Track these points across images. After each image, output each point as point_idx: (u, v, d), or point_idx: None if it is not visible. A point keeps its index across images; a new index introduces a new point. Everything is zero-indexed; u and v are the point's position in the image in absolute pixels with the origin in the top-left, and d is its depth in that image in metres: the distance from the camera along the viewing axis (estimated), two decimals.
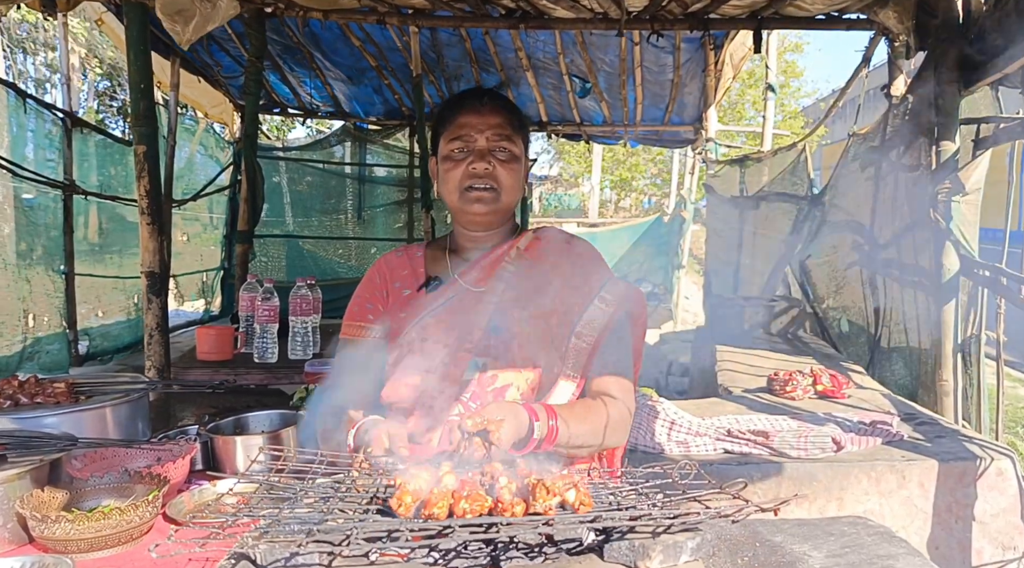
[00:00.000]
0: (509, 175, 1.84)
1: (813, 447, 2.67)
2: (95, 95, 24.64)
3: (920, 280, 3.91)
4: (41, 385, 2.22)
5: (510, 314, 1.81)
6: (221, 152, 9.01)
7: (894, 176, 4.24)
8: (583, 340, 1.81)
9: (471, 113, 1.84)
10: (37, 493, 1.77)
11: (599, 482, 1.30)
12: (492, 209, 1.85)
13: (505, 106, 1.89)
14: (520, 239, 1.94)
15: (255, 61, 4.57)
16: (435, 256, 1.98)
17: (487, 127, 1.82)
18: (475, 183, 1.82)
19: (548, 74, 7.95)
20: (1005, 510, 2.61)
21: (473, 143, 1.82)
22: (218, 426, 2.30)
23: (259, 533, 0.94)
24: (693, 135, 9.08)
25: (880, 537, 1.31)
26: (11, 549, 1.74)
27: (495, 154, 1.82)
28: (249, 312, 3.92)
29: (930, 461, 2.62)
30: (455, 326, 1.80)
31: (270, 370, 3.67)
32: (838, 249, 5.19)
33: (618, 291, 1.88)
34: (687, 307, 10.77)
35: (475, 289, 1.86)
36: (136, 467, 1.98)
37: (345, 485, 1.19)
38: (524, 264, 1.89)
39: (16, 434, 1.95)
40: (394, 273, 1.97)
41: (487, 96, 1.88)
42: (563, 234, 2.02)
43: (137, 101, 3.28)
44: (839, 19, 4.69)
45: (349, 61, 7.79)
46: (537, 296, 1.84)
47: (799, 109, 22.33)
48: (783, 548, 1.27)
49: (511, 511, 1.02)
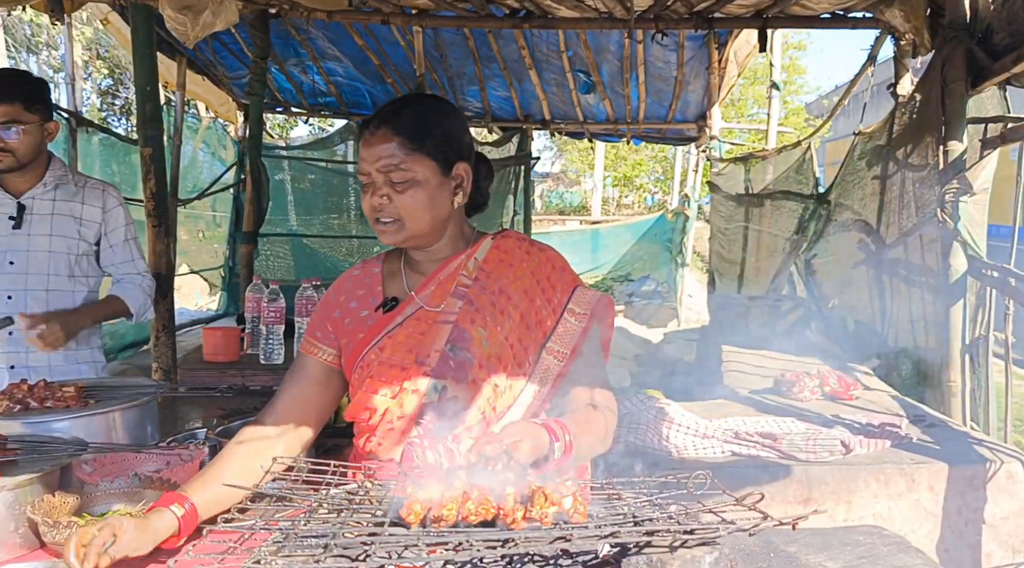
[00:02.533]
0: (411, 202, 1.73)
1: (822, 450, 2.66)
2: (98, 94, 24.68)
3: (927, 280, 3.91)
4: (51, 389, 2.22)
5: (469, 333, 1.76)
6: (224, 149, 9.03)
7: (901, 175, 4.23)
8: (555, 356, 1.78)
9: (364, 145, 1.77)
10: (48, 498, 1.77)
11: (612, 493, 1.29)
12: (401, 238, 1.78)
13: (401, 126, 1.75)
14: (476, 248, 1.88)
15: (259, 61, 4.57)
16: (392, 271, 1.92)
17: (375, 159, 1.73)
18: (378, 216, 1.76)
19: (551, 69, 7.92)
20: (1015, 513, 2.61)
21: (368, 176, 1.76)
22: (227, 429, 2.30)
23: (275, 547, 0.94)
24: (697, 133, 9.09)
25: (896, 547, 1.31)
26: (22, 554, 1.74)
27: (392, 184, 1.73)
28: (255, 313, 3.91)
29: (940, 464, 2.61)
30: (412, 347, 1.77)
31: (277, 372, 3.66)
32: (844, 248, 5.18)
33: (588, 301, 1.83)
34: (691, 305, 10.76)
35: (431, 308, 1.81)
36: (145, 471, 1.98)
37: (358, 496, 1.19)
38: (483, 277, 1.83)
39: (27, 438, 1.95)
40: (350, 293, 1.91)
41: (377, 120, 1.77)
42: (523, 241, 1.94)
43: (143, 103, 3.28)
44: (844, 18, 4.69)
45: (352, 59, 7.80)
46: (497, 313, 1.79)
47: (802, 106, 22.35)
48: (798, 559, 1.26)
49: (512, 516, 1.03)
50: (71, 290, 3.07)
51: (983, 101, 3.79)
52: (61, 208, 3.02)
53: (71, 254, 3.05)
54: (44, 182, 2.99)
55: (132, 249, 3.20)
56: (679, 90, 8.08)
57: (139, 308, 3.19)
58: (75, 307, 3.04)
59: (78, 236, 3.06)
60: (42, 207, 2.99)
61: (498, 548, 0.92)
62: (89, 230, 3.07)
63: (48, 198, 3.02)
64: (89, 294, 3.15)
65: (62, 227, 3.02)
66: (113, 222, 3.12)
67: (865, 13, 4.54)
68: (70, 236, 3.03)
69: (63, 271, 3.03)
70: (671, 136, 9.53)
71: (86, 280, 3.12)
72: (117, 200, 3.13)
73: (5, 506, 1.71)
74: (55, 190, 3.02)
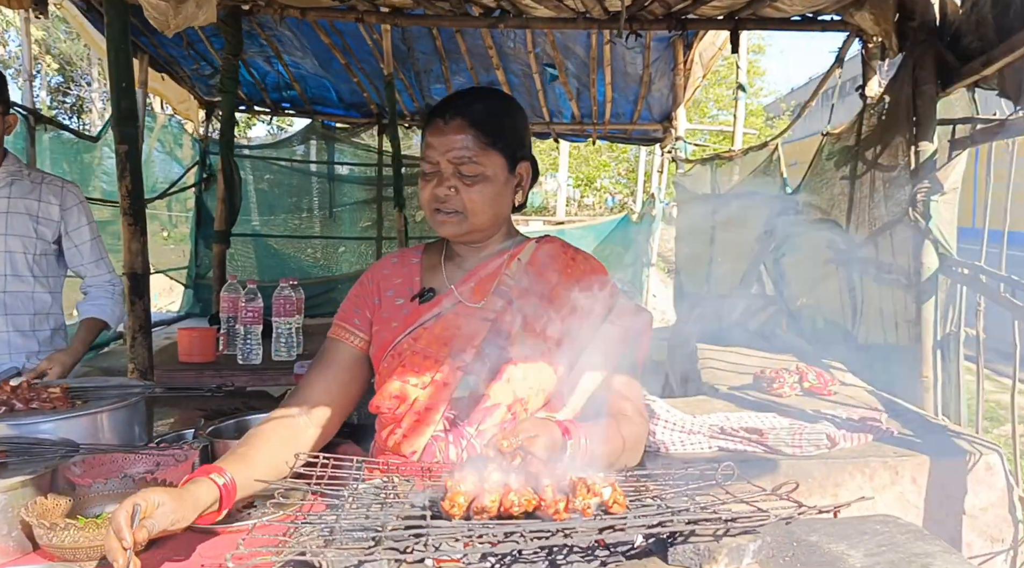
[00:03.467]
0: (478, 197, 1.75)
1: (808, 444, 2.70)
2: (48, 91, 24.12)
3: (898, 278, 3.98)
4: (35, 390, 2.17)
5: (508, 332, 1.77)
6: (180, 148, 8.88)
7: (871, 175, 4.31)
8: (590, 365, 1.78)
9: (435, 132, 1.75)
10: (41, 500, 1.73)
11: (639, 485, 1.30)
12: (462, 231, 1.78)
13: (477, 119, 1.75)
14: (521, 250, 1.88)
15: (231, 58, 4.51)
16: (431, 263, 1.91)
17: (448, 149, 1.72)
18: (440, 206, 1.75)
19: (517, 62, 7.89)
20: (993, 504, 2.67)
21: (436, 166, 1.75)
22: (218, 429, 2.27)
23: (322, 540, 0.93)
24: (662, 133, 9.16)
25: (913, 535, 1.33)
26: (16, 558, 1.69)
27: (460, 176, 1.73)
28: (230, 313, 3.86)
29: (921, 457, 2.66)
30: (448, 341, 1.76)
31: (255, 372, 3.62)
32: (813, 247, 5.27)
33: (627, 313, 1.84)
34: (655, 305, 10.85)
35: (471, 304, 1.80)
36: (135, 472, 1.95)
37: (387, 491, 1.17)
38: (525, 279, 1.84)
39: (15, 441, 1.90)
40: (387, 281, 1.91)
41: (454, 111, 1.76)
42: (567, 248, 1.96)
43: (118, 99, 3.21)
44: (814, 20, 4.77)
45: (318, 58, 7.73)
46: (538, 316, 1.78)
47: (761, 106, 22.72)
48: (820, 548, 1.28)
49: (554, 507, 1.03)
50: (31, 291, 2.98)
51: (951, 103, 3.88)
52: (16, 205, 2.92)
53: (28, 253, 2.95)
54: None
55: (99, 248, 3.12)
56: (644, 91, 8.14)
57: (115, 319, 3.13)
58: (67, 347, 2.96)
59: (35, 234, 2.96)
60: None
61: (550, 537, 0.92)
62: (47, 228, 2.98)
63: (3, 196, 2.91)
64: (51, 296, 3.06)
65: (18, 225, 2.92)
66: (75, 221, 3.04)
67: (834, 16, 4.61)
68: (27, 235, 2.93)
69: (22, 271, 2.94)
70: (636, 137, 9.59)
71: (46, 281, 3.03)
72: (77, 197, 3.05)
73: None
74: (10, 187, 2.92)
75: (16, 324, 2.91)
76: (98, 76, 23.72)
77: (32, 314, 2.96)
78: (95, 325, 3.03)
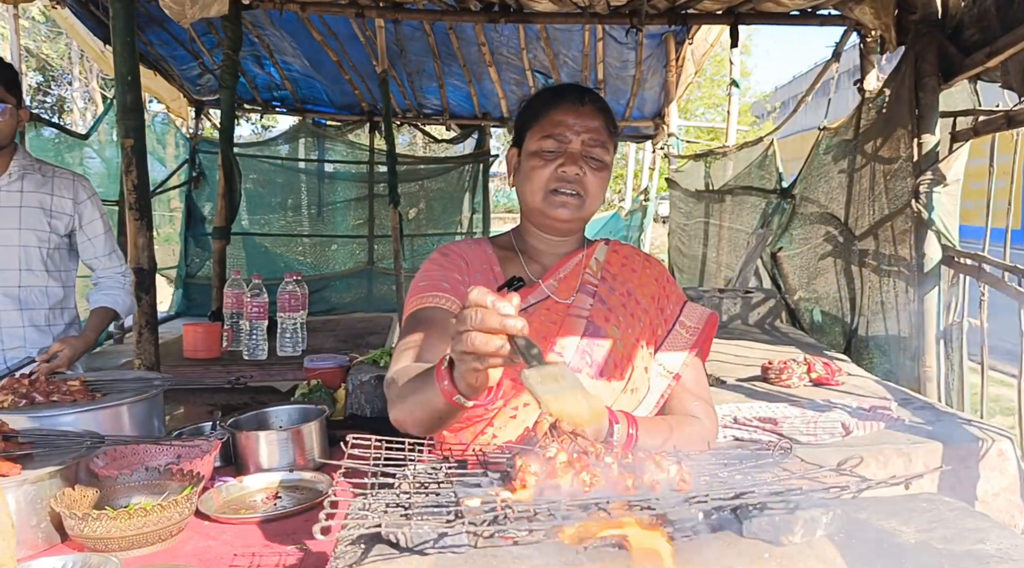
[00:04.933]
0: (598, 184, 1.74)
1: (823, 432, 2.71)
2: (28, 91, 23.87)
3: (900, 269, 4.01)
4: (55, 383, 2.15)
5: (604, 331, 1.74)
6: (164, 147, 8.82)
7: (871, 168, 4.33)
8: (665, 365, 1.79)
9: (569, 111, 1.72)
10: (68, 492, 1.72)
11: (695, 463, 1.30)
12: (575, 216, 1.75)
13: (604, 109, 1.77)
14: (595, 249, 1.87)
15: (231, 54, 4.47)
16: (506, 256, 1.85)
17: (584, 130, 1.71)
18: (563, 187, 1.71)
19: (511, 69, 7.95)
20: (1005, 489, 2.69)
21: (567, 144, 1.71)
22: (238, 422, 2.26)
23: (400, 515, 0.92)
24: (654, 130, 9.19)
25: (962, 512, 1.34)
26: (44, 549, 1.68)
27: (587, 160, 1.71)
28: (235, 309, 3.84)
29: (934, 443, 2.68)
30: (546, 335, 1.71)
31: (261, 367, 3.60)
32: (810, 241, 5.30)
33: (698, 316, 1.86)
34: None
35: (561, 300, 1.77)
36: (156, 464, 1.93)
37: (443, 471, 1.17)
38: (608, 278, 1.83)
39: (39, 433, 1.89)
40: (472, 263, 1.81)
41: (588, 96, 1.76)
42: (638, 250, 1.97)
43: (124, 93, 3.18)
44: (813, 15, 4.80)
45: (309, 56, 7.71)
46: (628, 315, 1.79)
47: (748, 103, 22.89)
48: (871, 525, 1.28)
49: (623, 484, 1.02)
50: (44, 286, 2.95)
51: (951, 95, 3.91)
52: (29, 200, 2.89)
53: (43, 248, 2.92)
54: (10, 172, 2.86)
55: (112, 241, 3.10)
56: (636, 88, 8.16)
57: (126, 309, 3.10)
58: (80, 334, 2.94)
59: (49, 228, 2.93)
60: (9, 199, 2.86)
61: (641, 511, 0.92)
62: (60, 222, 2.95)
63: (15, 190, 2.88)
64: (64, 290, 3.03)
65: (32, 220, 2.89)
66: (88, 215, 3.01)
67: (833, 10, 4.64)
68: (40, 229, 2.91)
69: (36, 266, 2.91)
70: (628, 133, 9.62)
71: (59, 275, 3.01)
72: (89, 191, 3.02)
73: (27, 500, 1.66)
74: (21, 181, 2.89)
75: (32, 319, 2.88)
76: (79, 75, 23.53)
77: (47, 308, 2.93)
78: (107, 314, 3.00)
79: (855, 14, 4.29)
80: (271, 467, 2.12)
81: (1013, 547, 1.18)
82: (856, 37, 4.74)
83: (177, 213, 8.93)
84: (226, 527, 1.82)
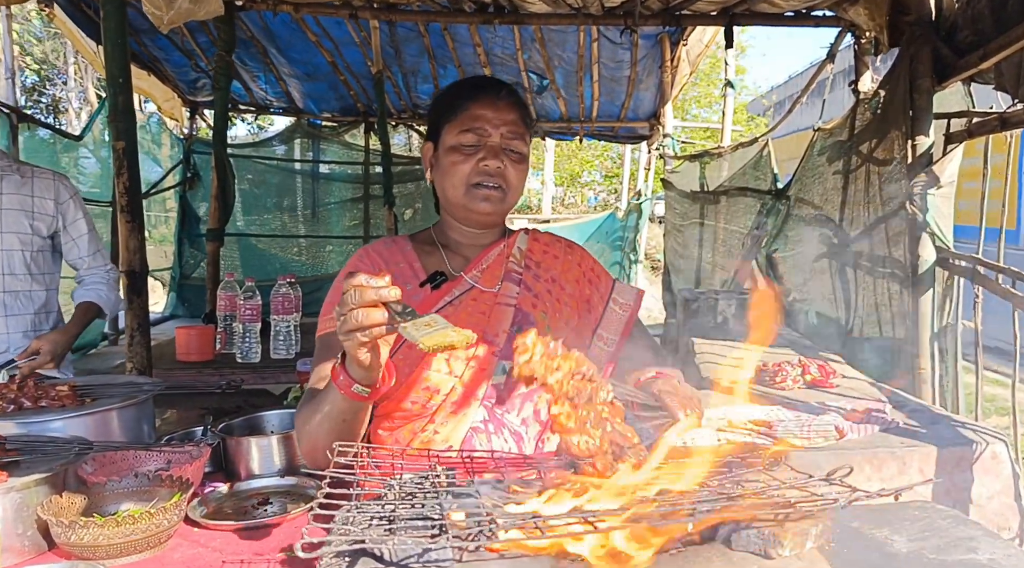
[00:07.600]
0: (517, 176, 1.75)
1: (816, 435, 2.70)
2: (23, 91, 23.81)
3: (894, 271, 4.00)
4: (43, 388, 2.13)
5: (532, 316, 1.77)
6: (159, 149, 8.79)
7: (865, 169, 4.33)
8: (606, 343, 1.83)
9: (487, 106, 1.73)
10: (55, 499, 1.70)
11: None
12: (498, 209, 1.76)
13: (519, 102, 1.79)
14: (515, 239, 1.89)
15: (224, 55, 4.45)
16: (426, 251, 1.85)
17: (502, 123, 1.72)
18: (485, 181, 1.71)
19: (506, 70, 7.93)
20: (999, 492, 2.69)
21: (487, 138, 1.71)
22: (230, 426, 2.25)
23: (381, 530, 0.90)
24: (649, 131, 9.17)
25: (953, 520, 1.33)
26: (31, 557, 1.66)
27: (507, 153, 1.73)
28: (228, 311, 3.83)
29: (928, 447, 2.67)
30: (476, 326, 1.70)
31: (255, 370, 3.59)
32: (805, 242, 5.29)
33: (628, 292, 1.93)
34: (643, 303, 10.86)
35: (487, 289, 1.78)
36: (146, 470, 1.92)
37: (430, 480, 1.16)
38: (532, 266, 1.86)
39: (27, 439, 1.87)
40: (389, 266, 1.80)
41: (505, 89, 1.78)
42: (560, 238, 2.00)
43: (115, 95, 3.16)
44: (807, 16, 4.79)
45: (304, 56, 7.67)
46: (554, 300, 1.82)
47: (744, 104, 22.91)
48: (863, 533, 1.27)
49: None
50: (29, 290, 2.92)
51: (945, 97, 3.91)
52: (10, 202, 2.85)
53: (26, 251, 2.89)
54: None
55: (96, 240, 3.07)
56: (632, 88, 8.14)
57: (110, 305, 3.07)
58: (61, 328, 2.92)
59: (31, 230, 2.89)
60: None
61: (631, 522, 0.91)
62: (42, 223, 2.91)
63: None
64: (47, 293, 3.00)
65: (12, 222, 2.85)
66: (72, 214, 2.98)
67: (827, 11, 4.64)
68: (22, 232, 2.87)
69: (19, 270, 2.87)
70: (623, 134, 9.60)
71: (43, 278, 2.97)
72: (70, 190, 2.99)
73: (13, 508, 1.64)
74: (0, 182, 2.86)
75: (18, 325, 2.86)
76: (74, 75, 23.46)
77: (32, 314, 2.90)
78: (89, 308, 2.97)
79: (849, 15, 4.29)
80: (262, 473, 2.11)
81: (1005, 556, 1.17)
82: (851, 38, 4.73)
83: (173, 214, 8.90)
84: (215, 534, 1.80)
